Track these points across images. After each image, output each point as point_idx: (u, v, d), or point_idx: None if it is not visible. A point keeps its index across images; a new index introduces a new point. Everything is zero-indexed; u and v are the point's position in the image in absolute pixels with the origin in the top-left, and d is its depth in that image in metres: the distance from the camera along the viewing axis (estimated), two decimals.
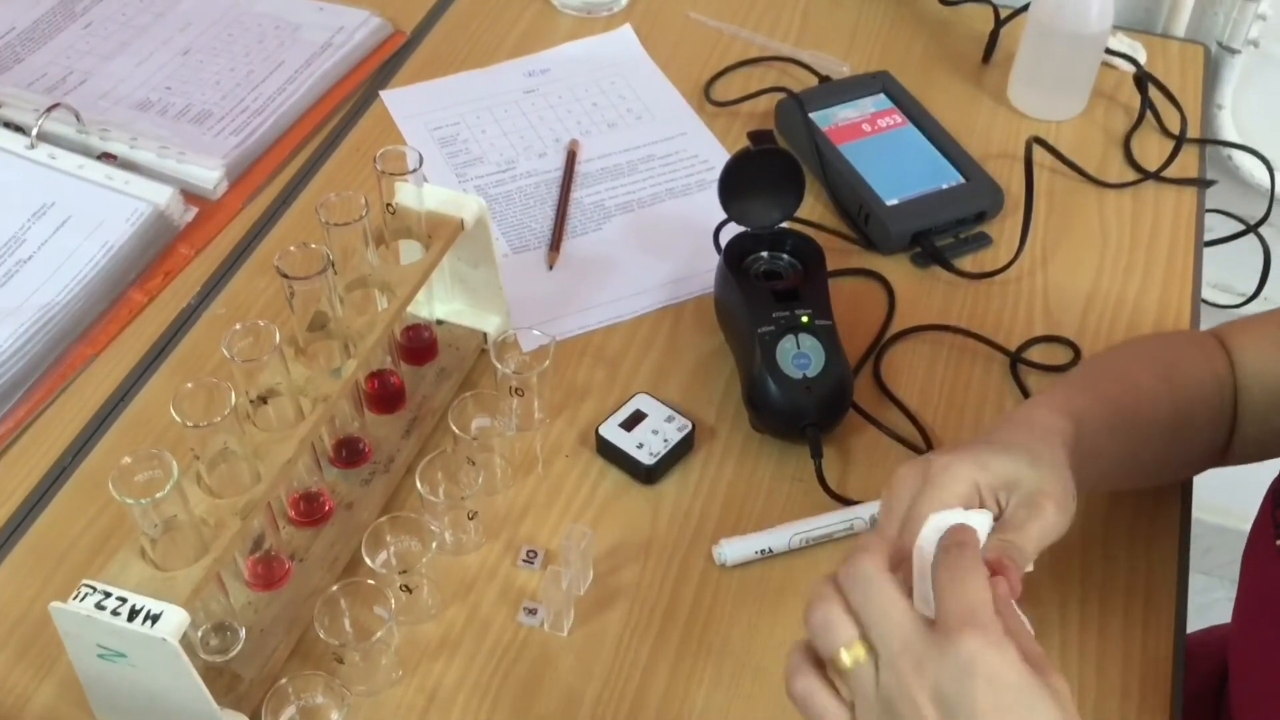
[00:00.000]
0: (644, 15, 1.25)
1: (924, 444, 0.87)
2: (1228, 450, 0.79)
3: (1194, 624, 0.82)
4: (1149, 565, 0.81)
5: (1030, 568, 0.62)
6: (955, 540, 0.57)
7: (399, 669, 0.75)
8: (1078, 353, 0.93)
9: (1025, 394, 0.90)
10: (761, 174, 0.90)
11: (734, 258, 0.90)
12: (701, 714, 0.74)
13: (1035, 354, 0.93)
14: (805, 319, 0.85)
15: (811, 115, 1.07)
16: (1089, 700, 0.74)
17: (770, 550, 0.80)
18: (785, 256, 0.91)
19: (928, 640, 0.52)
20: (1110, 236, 1.03)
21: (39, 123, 1.04)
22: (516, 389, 0.86)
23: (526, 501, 0.84)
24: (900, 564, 0.59)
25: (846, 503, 0.83)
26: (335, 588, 0.73)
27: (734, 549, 0.80)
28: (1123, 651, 0.76)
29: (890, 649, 0.53)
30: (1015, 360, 0.92)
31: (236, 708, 0.70)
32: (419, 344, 0.90)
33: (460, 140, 1.11)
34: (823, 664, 0.56)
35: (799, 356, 0.84)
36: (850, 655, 0.54)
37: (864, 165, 1.03)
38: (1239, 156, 1.32)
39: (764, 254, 0.91)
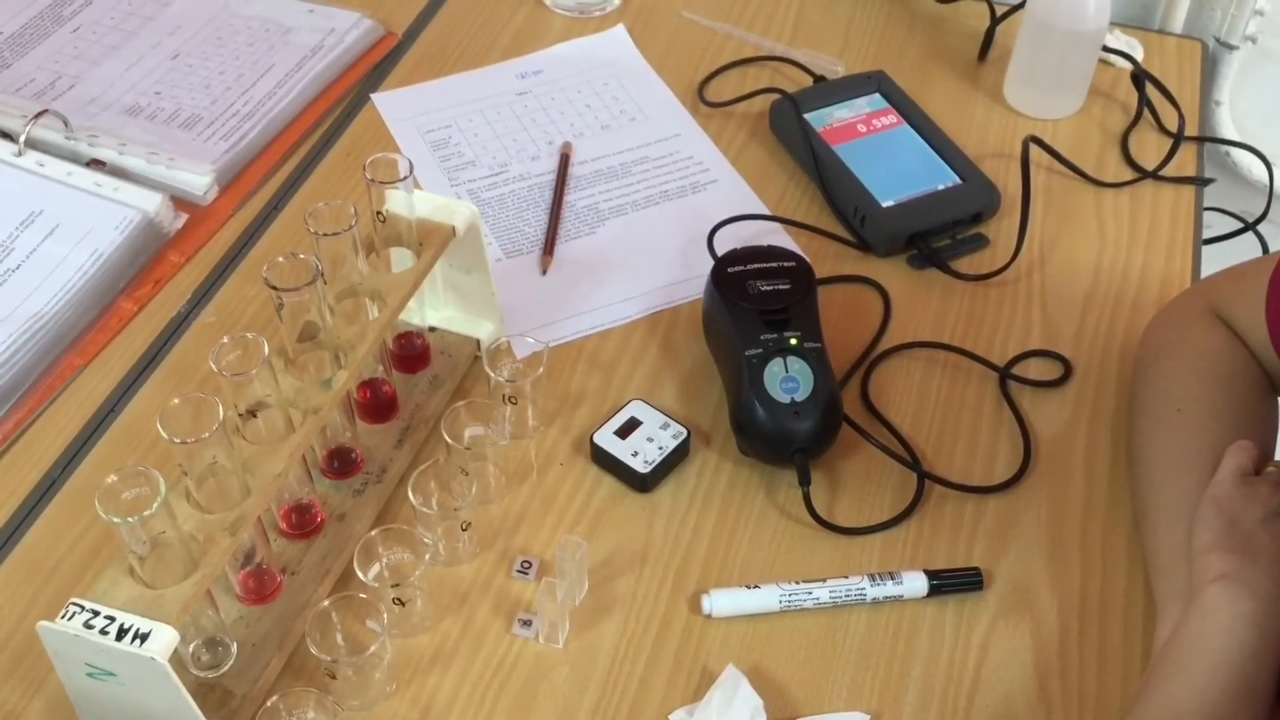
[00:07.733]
0: (637, 15, 1.24)
1: (912, 463, 0.85)
2: None
3: None
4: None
5: None
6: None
7: (392, 683, 0.74)
8: (1069, 368, 0.92)
9: (1014, 411, 0.89)
10: None
11: (722, 276, 0.88)
12: None
13: (1030, 367, 0.92)
14: (794, 341, 0.84)
15: (806, 116, 1.07)
16: (1089, 707, 0.74)
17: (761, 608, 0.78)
18: (775, 276, 0.88)
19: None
20: (1108, 236, 1.02)
21: (27, 129, 1.03)
22: (510, 396, 0.85)
23: (521, 511, 0.83)
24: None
25: (835, 530, 0.81)
26: (327, 602, 0.72)
27: (722, 603, 0.77)
28: (1124, 658, 0.76)
29: None
30: (1005, 376, 0.91)
31: None
32: (411, 352, 0.89)
33: (452, 143, 1.10)
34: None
35: (787, 380, 0.82)
36: None
37: (859, 166, 1.03)
38: (1237, 154, 1.31)
39: (753, 272, 0.88)
